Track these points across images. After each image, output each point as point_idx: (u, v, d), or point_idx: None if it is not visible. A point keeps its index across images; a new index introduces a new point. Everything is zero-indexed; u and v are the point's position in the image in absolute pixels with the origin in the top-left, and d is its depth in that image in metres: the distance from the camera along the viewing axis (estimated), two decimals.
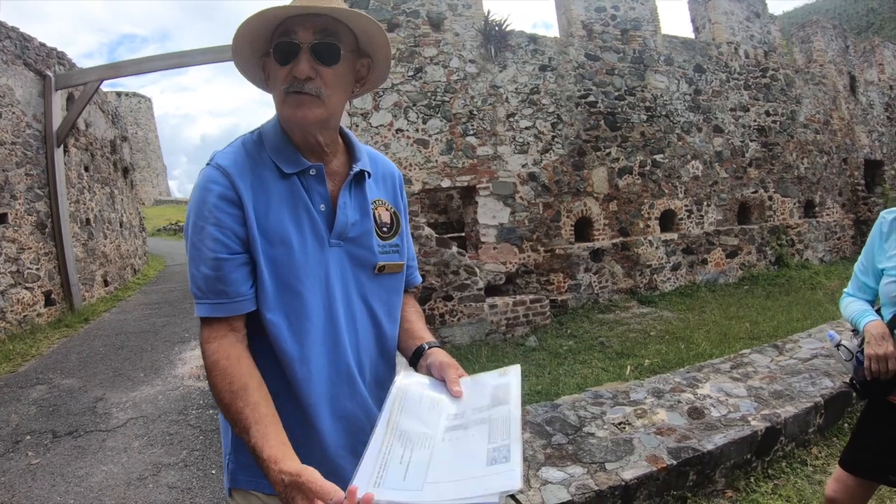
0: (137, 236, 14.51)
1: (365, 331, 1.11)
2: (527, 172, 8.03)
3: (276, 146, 1.05)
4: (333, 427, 1.05)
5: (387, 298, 1.15)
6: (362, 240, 1.09)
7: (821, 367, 3.33)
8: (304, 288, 1.02)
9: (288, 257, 1.00)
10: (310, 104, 1.00)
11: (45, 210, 8.47)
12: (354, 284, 1.09)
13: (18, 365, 6.27)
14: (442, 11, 7.78)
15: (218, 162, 1.02)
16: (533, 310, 7.18)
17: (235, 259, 0.98)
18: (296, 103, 1.00)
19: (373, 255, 1.11)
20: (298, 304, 1.01)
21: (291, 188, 1.04)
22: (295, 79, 0.99)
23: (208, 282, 0.98)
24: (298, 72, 0.98)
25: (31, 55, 8.61)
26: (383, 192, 1.19)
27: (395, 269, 1.16)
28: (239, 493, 1.09)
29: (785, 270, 10.09)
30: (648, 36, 9.35)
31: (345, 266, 1.08)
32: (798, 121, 11.26)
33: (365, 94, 1.20)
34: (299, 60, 0.98)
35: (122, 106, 27.26)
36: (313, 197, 1.05)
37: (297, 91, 0.99)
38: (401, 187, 1.25)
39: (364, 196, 1.12)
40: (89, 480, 3.33)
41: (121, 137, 13.22)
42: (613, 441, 2.55)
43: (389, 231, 1.16)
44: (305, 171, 1.05)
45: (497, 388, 0.96)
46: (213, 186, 0.99)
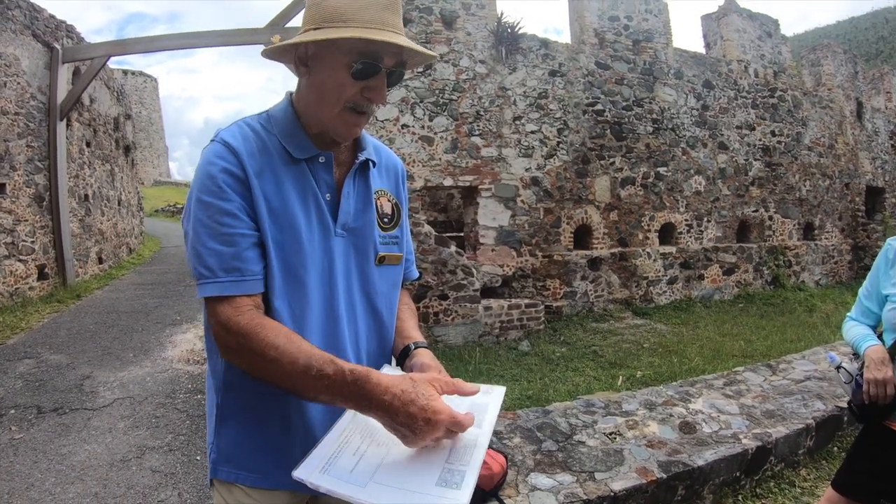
0: (135, 215, 14.45)
1: (364, 324, 1.09)
2: (530, 176, 8.01)
3: (288, 131, 1.03)
4: (325, 419, 1.02)
5: (387, 291, 1.14)
6: (364, 230, 1.08)
7: (814, 390, 3.33)
8: (308, 276, 0.99)
9: (295, 243, 0.98)
10: (362, 124, 1.02)
11: (43, 183, 8.41)
12: (357, 276, 1.08)
13: (7, 337, 6.23)
14: (455, 10, 7.76)
15: (224, 138, 0.98)
16: (528, 314, 7.17)
17: (250, 236, 0.94)
18: (354, 122, 1.01)
19: (375, 246, 1.10)
20: (302, 292, 0.99)
21: (301, 174, 1.02)
22: (365, 99, 0.98)
23: (221, 259, 0.92)
24: (381, 98, 0.99)
25: (40, 26, 8.55)
26: (386, 182, 1.18)
27: (394, 261, 1.14)
28: (221, 484, 1.06)
29: (781, 291, 10.11)
30: (660, 48, 9.35)
31: (348, 257, 1.06)
32: (803, 143, 11.28)
33: None
34: (379, 86, 0.98)
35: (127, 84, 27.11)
36: (320, 185, 1.03)
37: (361, 111, 0.99)
38: (403, 180, 1.24)
39: (368, 185, 1.11)
40: (72, 459, 3.29)
41: (124, 115, 13.16)
42: (604, 451, 2.54)
43: (390, 222, 1.15)
44: (314, 157, 1.03)
45: (475, 406, 0.90)
46: (219, 162, 0.95)
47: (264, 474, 1.03)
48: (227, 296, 0.92)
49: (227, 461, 1.05)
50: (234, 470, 1.04)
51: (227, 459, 1.05)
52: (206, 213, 0.93)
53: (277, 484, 1.03)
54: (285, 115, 1.05)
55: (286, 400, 0.99)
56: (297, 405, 1.00)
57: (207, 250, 0.92)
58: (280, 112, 1.06)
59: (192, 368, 5.17)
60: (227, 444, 1.06)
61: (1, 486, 2.98)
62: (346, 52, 0.95)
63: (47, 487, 2.96)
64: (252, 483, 1.04)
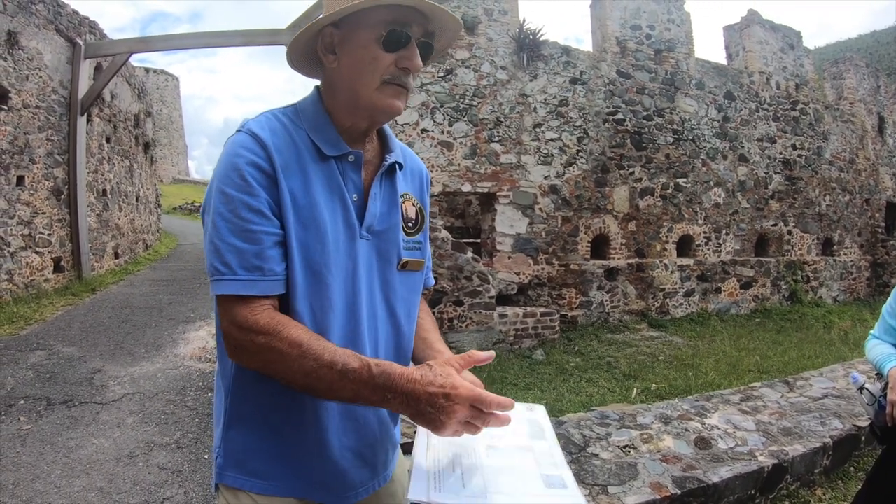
0: (152, 212, 14.55)
1: (384, 330, 1.05)
2: (548, 184, 7.96)
3: (317, 125, 0.98)
4: (342, 426, 0.98)
5: (407, 297, 1.09)
6: (389, 233, 1.04)
7: (831, 408, 3.28)
8: (332, 278, 0.95)
9: (321, 244, 0.93)
10: (404, 97, 0.98)
11: (62, 177, 8.47)
12: (378, 281, 1.03)
13: (20, 328, 6.26)
14: (477, 15, 7.74)
15: (252, 129, 0.93)
16: (542, 323, 7.11)
17: (274, 235, 0.89)
18: (396, 94, 0.96)
19: (398, 250, 1.05)
20: (325, 295, 0.94)
21: (329, 172, 0.97)
22: (400, 70, 0.95)
23: (242, 256, 0.87)
24: (415, 66, 0.95)
25: (63, 21, 8.62)
26: (412, 186, 1.13)
27: (416, 267, 1.10)
28: (227, 489, 1.01)
29: (798, 307, 9.98)
30: (682, 58, 9.28)
31: (372, 260, 1.02)
32: (824, 157, 11.14)
33: None
34: (414, 54, 0.95)
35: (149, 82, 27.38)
36: (347, 185, 0.99)
37: (399, 83, 0.95)
38: (427, 186, 1.19)
39: (394, 188, 1.06)
40: (79, 452, 3.27)
41: (145, 112, 13.26)
42: (618, 464, 2.50)
43: (414, 227, 1.10)
44: (344, 156, 0.99)
45: (530, 422, 0.94)
46: (246, 153, 0.89)
47: (275, 481, 0.99)
48: (245, 295, 0.87)
49: (234, 466, 1.01)
50: (241, 476, 1.00)
51: (235, 465, 1.01)
52: (228, 206, 0.88)
53: (288, 491, 0.99)
54: (315, 108, 1.00)
55: (301, 407, 0.95)
56: (314, 412, 0.96)
57: (227, 246, 0.87)
58: (309, 105, 1.01)
59: (204, 366, 5.16)
60: (236, 449, 1.01)
61: (6, 476, 2.96)
62: (373, 26, 0.93)
63: (53, 480, 2.95)
64: (261, 490, 0.99)
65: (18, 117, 7.54)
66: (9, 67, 7.39)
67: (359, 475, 1.03)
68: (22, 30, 7.68)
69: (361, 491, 1.04)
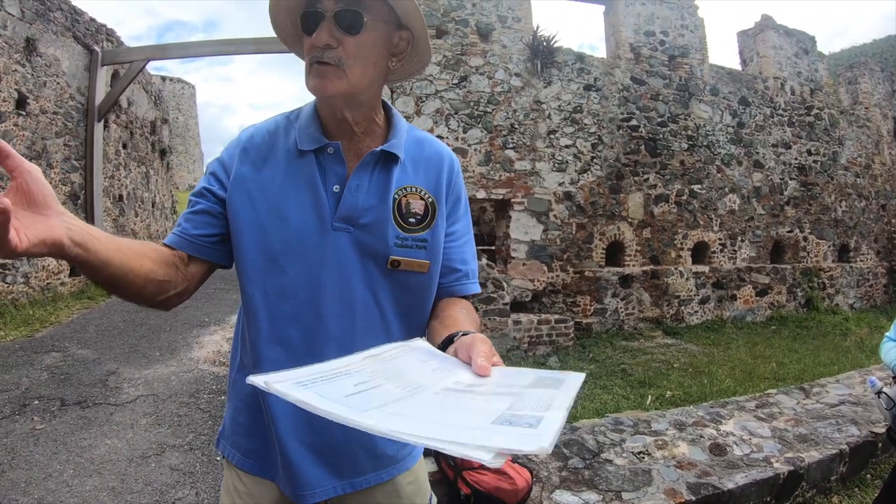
0: (168, 218, 14.72)
1: (368, 329, 1.00)
2: (563, 191, 7.94)
3: (304, 123, 1.02)
4: (294, 421, 0.97)
5: (403, 298, 1.03)
6: (374, 228, 0.99)
7: (847, 415, 3.27)
8: (290, 266, 0.96)
9: (280, 231, 0.96)
10: (331, 75, 0.93)
11: (79, 182, 8.58)
12: (362, 277, 0.99)
13: (36, 330, 6.35)
14: (491, 22, 7.75)
15: (241, 132, 1.06)
16: (557, 330, 7.08)
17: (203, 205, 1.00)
18: (318, 73, 0.94)
19: (385, 247, 0.99)
20: (280, 281, 0.96)
21: (304, 166, 0.99)
22: (315, 47, 0.93)
23: (181, 218, 1.03)
24: (316, 39, 0.92)
25: (81, 29, 8.74)
26: (423, 178, 1.05)
27: (414, 268, 1.01)
28: (225, 459, 1.10)
29: (814, 314, 9.87)
30: (696, 64, 9.23)
31: (350, 254, 0.98)
32: (839, 162, 11.04)
33: (408, 74, 1.09)
34: (320, 28, 0.92)
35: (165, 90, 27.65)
36: (328, 177, 0.99)
37: (319, 61, 0.93)
38: (452, 175, 1.10)
39: (388, 180, 1.01)
40: (91, 452, 3.30)
41: (161, 119, 13.41)
42: (632, 470, 2.50)
43: (419, 223, 1.02)
44: (323, 148, 1.00)
45: (544, 378, 0.66)
46: (226, 150, 1.05)
47: (252, 459, 1.04)
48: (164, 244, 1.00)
49: (225, 436, 1.09)
50: (228, 446, 1.07)
51: (225, 434, 1.09)
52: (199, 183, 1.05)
53: (265, 473, 1.03)
54: (309, 107, 1.05)
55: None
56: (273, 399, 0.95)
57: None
58: (307, 106, 1.07)
59: (218, 370, 5.19)
60: (227, 420, 1.09)
61: (19, 474, 3.00)
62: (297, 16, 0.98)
63: (65, 479, 2.97)
64: (238, 464, 1.05)
65: (36, 123, 7.66)
66: (27, 74, 7.51)
67: (314, 473, 0.99)
68: (40, 37, 7.80)
69: (320, 492, 1.00)
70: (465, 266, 1.10)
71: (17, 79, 7.31)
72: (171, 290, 0.94)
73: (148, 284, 0.88)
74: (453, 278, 1.09)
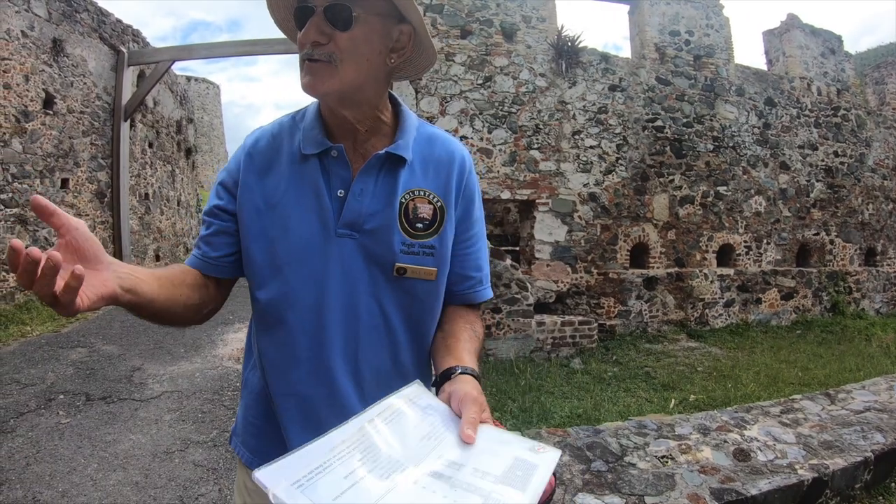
0: (193, 216, 14.90)
1: (372, 338, 0.98)
2: (588, 192, 7.89)
3: (308, 125, 0.99)
4: (303, 429, 0.96)
5: (410, 306, 1.00)
6: (379, 233, 0.96)
7: (873, 421, 3.21)
8: (293, 273, 0.95)
9: (284, 239, 0.95)
10: (321, 73, 0.90)
11: (105, 180, 8.70)
12: (368, 284, 0.97)
13: (62, 326, 6.47)
14: (515, 23, 7.72)
15: (247, 137, 1.05)
16: (580, 332, 7.04)
17: (218, 226, 1.01)
18: (308, 71, 0.91)
19: (390, 253, 0.96)
20: (284, 289, 0.96)
21: (308, 170, 0.97)
22: (305, 44, 0.91)
23: (198, 238, 1.04)
24: (303, 36, 0.90)
25: (107, 30, 8.86)
26: (432, 181, 1.01)
27: (421, 275, 0.98)
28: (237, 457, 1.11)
29: (840, 318, 9.71)
30: (721, 64, 9.12)
31: (355, 261, 0.96)
32: (866, 164, 10.84)
33: (416, 72, 1.07)
34: (308, 25, 0.90)
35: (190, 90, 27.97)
36: (332, 180, 0.97)
37: (309, 58, 0.91)
38: (463, 174, 1.05)
39: (394, 183, 0.98)
40: (116, 447, 3.34)
41: (187, 119, 13.57)
42: (655, 474, 2.47)
43: (426, 229, 0.99)
44: (327, 152, 0.97)
45: (519, 463, 0.71)
46: (233, 157, 1.05)
47: (257, 456, 1.04)
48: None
49: (237, 434, 1.10)
50: (239, 444, 1.09)
51: (237, 432, 1.10)
52: (209, 198, 1.05)
53: None
54: (313, 107, 1.03)
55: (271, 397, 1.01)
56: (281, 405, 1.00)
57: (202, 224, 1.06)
58: (311, 106, 1.04)
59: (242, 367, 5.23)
60: (239, 417, 1.11)
61: (44, 467, 3.04)
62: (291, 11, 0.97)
63: (89, 473, 3.01)
64: (247, 462, 1.05)
65: (63, 122, 7.78)
66: (54, 74, 7.63)
67: None
68: (67, 37, 7.92)
69: None
70: (479, 272, 1.08)
71: (45, 79, 7.43)
72: (204, 310, 0.99)
73: (187, 311, 0.93)
74: (468, 286, 1.07)
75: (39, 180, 7.26)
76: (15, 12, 6.95)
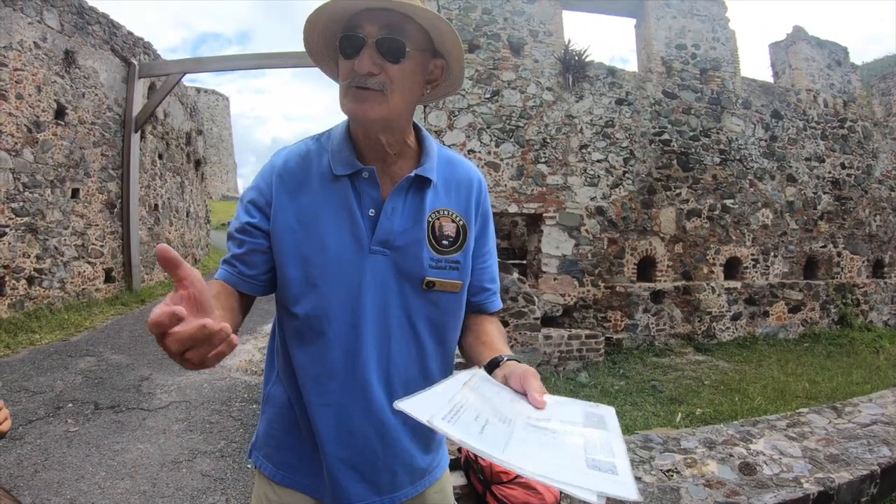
0: (202, 227, 14.93)
1: (402, 348, 1.04)
2: (595, 206, 7.91)
3: (337, 146, 1.03)
4: (336, 436, 1.01)
5: (437, 319, 1.06)
6: (409, 250, 1.02)
7: (880, 435, 3.19)
8: (329, 290, 0.99)
9: (319, 257, 0.99)
10: (372, 100, 0.95)
11: (115, 190, 8.76)
12: (398, 298, 1.02)
13: (71, 334, 6.47)
14: (523, 37, 7.77)
15: (273, 158, 1.07)
16: (587, 345, 7.04)
17: (256, 246, 1.02)
18: (357, 97, 0.95)
19: (420, 268, 1.02)
20: (321, 304, 0.99)
21: (340, 190, 1.01)
22: (356, 74, 0.95)
23: (230, 255, 1.04)
24: (359, 66, 0.94)
25: (119, 42, 8.93)
26: (454, 201, 1.09)
27: (448, 288, 1.05)
28: (257, 469, 1.13)
29: (848, 331, 9.66)
30: (727, 77, 9.15)
31: (387, 276, 1.01)
32: (873, 176, 10.82)
33: (439, 97, 1.14)
34: (362, 55, 0.94)
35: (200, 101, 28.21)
36: (363, 200, 1.01)
37: (359, 86, 0.95)
38: (480, 196, 1.14)
39: (421, 203, 1.04)
40: (124, 456, 3.36)
41: (196, 131, 13.65)
42: (660, 488, 2.47)
43: (451, 245, 1.06)
44: (358, 173, 1.02)
45: (590, 414, 0.81)
46: (259, 178, 1.06)
47: (286, 471, 1.07)
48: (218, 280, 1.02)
49: (258, 447, 1.12)
50: (261, 458, 1.10)
51: (258, 446, 1.12)
52: (235, 216, 1.07)
53: (299, 485, 1.07)
54: (341, 130, 1.06)
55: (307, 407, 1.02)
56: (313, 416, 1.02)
57: (229, 241, 1.06)
58: (338, 128, 1.08)
59: (250, 378, 5.24)
60: (260, 431, 1.12)
61: (52, 475, 3.05)
62: (335, 40, 1.00)
63: (97, 481, 3.02)
64: (270, 475, 1.08)
65: (74, 132, 7.84)
66: (66, 85, 7.70)
67: (355, 489, 1.03)
68: (79, 49, 7.99)
69: None
70: (493, 284, 1.17)
71: (57, 89, 7.50)
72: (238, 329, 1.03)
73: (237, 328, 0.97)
74: (484, 296, 1.15)
75: (50, 190, 7.32)
76: (28, 24, 7.03)
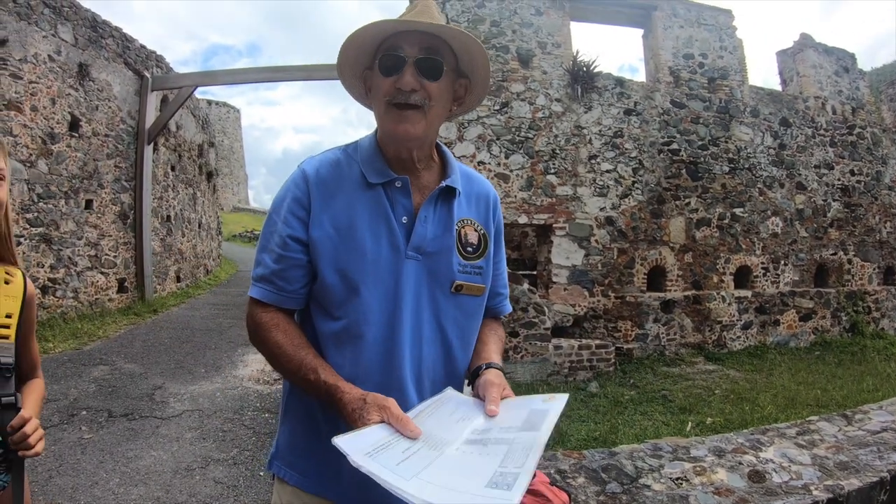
0: (214, 239, 15.02)
1: (432, 350, 1.09)
2: (604, 216, 7.93)
3: (368, 157, 1.09)
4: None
5: (462, 321, 1.13)
6: (441, 255, 1.08)
7: (890, 441, 3.18)
8: (368, 293, 1.02)
9: (358, 261, 1.02)
10: (413, 119, 1.02)
11: (128, 202, 8.86)
12: (428, 301, 1.08)
13: (84, 343, 6.54)
14: (531, 49, 7.83)
15: (304, 167, 1.10)
16: (598, 355, 7.05)
17: (296, 261, 1.05)
18: (399, 118, 1.02)
19: (450, 273, 1.09)
20: (361, 308, 1.03)
21: (375, 198, 1.06)
22: (399, 91, 1.01)
23: (264, 271, 1.06)
24: (403, 83, 1.00)
25: (132, 55, 9.05)
26: (475, 212, 1.17)
27: (473, 292, 1.12)
28: (277, 478, 1.14)
29: (859, 338, 9.60)
30: (735, 86, 9.16)
31: (420, 281, 1.06)
32: (883, 182, 10.77)
33: (461, 115, 1.22)
34: (404, 73, 1.00)
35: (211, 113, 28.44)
36: (396, 208, 1.06)
37: (400, 103, 1.01)
38: (495, 209, 1.23)
39: (450, 212, 1.11)
40: (137, 463, 3.40)
41: (208, 143, 13.77)
42: (669, 496, 2.48)
43: (475, 252, 1.13)
44: (391, 182, 1.07)
45: (534, 413, 0.90)
46: (293, 189, 1.07)
47: (310, 478, 1.09)
48: (260, 299, 1.06)
49: (279, 457, 1.14)
50: (283, 466, 1.12)
51: (279, 455, 1.14)
52: (269, 228, 1.08)
53: (324, 491, 1.09)
54: (369, 142, 1.12)
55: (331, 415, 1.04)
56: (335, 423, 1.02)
57: (259, 259, 1.08)
58: (366, 140, 1.13)
59: (262, 388, 5.29)
60: (282, 441, 1.15)
61: (66, 481, 3.10)
62: (373, 57, 1.06)
63: (111, 487, 3.07)
64: (296, 483, 1.10)
65: (88, 144, 7.95)
66: (80, 97, 7.82)
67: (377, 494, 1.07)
68: (92, 62, 8.11)
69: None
70: (505, 290, 1.28)
71: (71, 102, 7.62)
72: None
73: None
74: (497, 301, 1.26)
75: (64, 201, 7.43)
76: (42, 37, 7.16)
